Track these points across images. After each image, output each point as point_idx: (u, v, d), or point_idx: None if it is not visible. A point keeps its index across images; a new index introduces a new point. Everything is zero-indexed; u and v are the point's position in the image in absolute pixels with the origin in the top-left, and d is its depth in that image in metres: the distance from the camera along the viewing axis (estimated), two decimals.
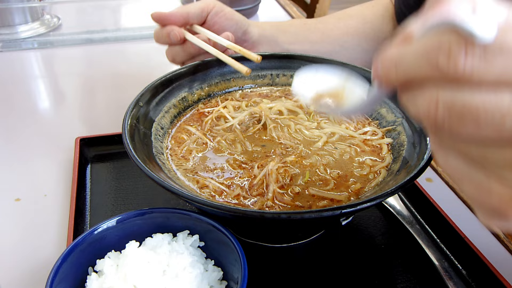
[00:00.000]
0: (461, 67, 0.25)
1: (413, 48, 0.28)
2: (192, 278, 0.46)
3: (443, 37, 0.26)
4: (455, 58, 0.25)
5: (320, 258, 0.58)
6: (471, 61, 0.25)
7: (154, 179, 0.49)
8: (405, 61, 0.29)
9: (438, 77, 0.26)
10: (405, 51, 0.29)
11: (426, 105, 0.27)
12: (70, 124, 0.89)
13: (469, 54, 0.25)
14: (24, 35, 1.21)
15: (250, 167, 0.59)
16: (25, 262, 0.58)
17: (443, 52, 0.25)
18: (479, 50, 0.24)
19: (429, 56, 0.26)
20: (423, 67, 0.27)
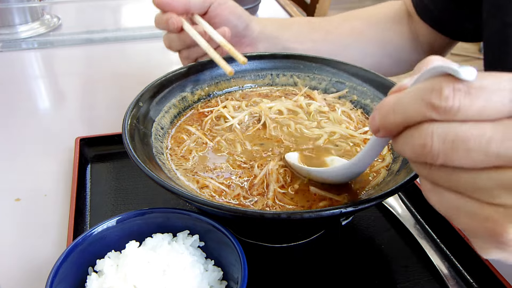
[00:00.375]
0: (450, 103, 0.30)
1: (408, 92, 0.33)
2: (192, 278, 0.46)
3: (434, 81, 0.31)
4: (446, 96, 0.30)
5: (320, 258, 0.58)
6: (458, 97, 0.30)
7: (154, 179, 0.49)
8: (402, 104, 0.33)
9: (432, 114, 0.31)
10: (401, 95, 0.33)
11: (422, 139, 0.31)
12: (70, 124, 0.89)
13: (456, 91, 0.30)
14: (24, 35, 1.21)
15: (250, 167, 0.59)
16: (25, 262, 0.58)
17: (436, 91, 0.30)
18: (464, 88, 0.29)
19: (424, 96, 0.31)
20: (419, 107, 0.31)
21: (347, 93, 0.74)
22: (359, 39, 0.93)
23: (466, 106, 0.30)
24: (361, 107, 0.72)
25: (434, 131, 0.31)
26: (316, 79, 0.76)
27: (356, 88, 0.73)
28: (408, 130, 0.33)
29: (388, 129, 0.35)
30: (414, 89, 0.32)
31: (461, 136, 0.30)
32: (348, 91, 0.74)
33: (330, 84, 0.75)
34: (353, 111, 0.71)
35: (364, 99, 0.72)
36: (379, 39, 0.93)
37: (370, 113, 0.70)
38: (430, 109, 0.31)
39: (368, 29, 0.94)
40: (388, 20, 0.94)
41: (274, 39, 0.87)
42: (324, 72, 0.76)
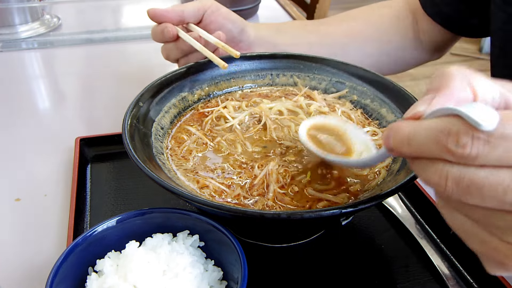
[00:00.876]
0: (468, 151, 0.29)
1: (425, 128, 0.32)
2: (192, 278, 0.46)
3: (452, 123, 0.30)
4: (464, 143, 0.29)
5: (320, 258, 0.58)
6: (476, 145, 0.29)
7: (154, 179, 0.49)
8: (417, 140, 0.32)
9: (447, 157, 0.30)
10: (417, 130, 0.33)
11: (437, 178, 0.31)
12: (70, 124, 0.89)
13: (475, 139, 0.29)
14: (24, 35, 1.21)
15: (251, 167, 0.59)
16: (25, 262, 0.58)
17: (452, 136, 0.30)
18: (483, 137, 0.29)
19: (439, 139, 0.30)
20: (434, 148, 0.31)
21: (347, 93, 0.74)
22: (357, 39, 0.93)
23: (485, 154, 0.29)
24: (361, 107, 0.72)
25: (449, 173, 0.31)
26: (316, 79, 0.76)
27: (356, 88, 0.73)
28: (422, 161, 0.33)
29: (401, 155, 0.35)
30: (430, 127, 0.31)
31: (477, 182, 0.30)
32: (348, 91, 0.74)
33: (330, 84, 0.75)
34: (353, 111, 0.71)
35: (364, 99, 0.72)
36: (377, 38, 0.93)
37: (370, 113, 0.70)
38: (445, 152, 0.30)
39: (366, 29, 0.93)
40: (388, 19, 0.94)
41: (270, 43, 0.87)
42: (324, 72, 0.76)
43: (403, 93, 0.66)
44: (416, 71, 3.47)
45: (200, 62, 0.74)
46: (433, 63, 1.02)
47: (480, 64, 3.38)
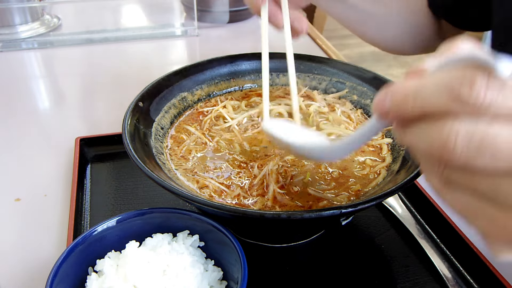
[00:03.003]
0: (482, 97, 0.27)
1: (434, 79, 0.29)
2: (192, 278, 0.46)
3: (465, 71, 0.27)
4: (478, 88, 0.27)
5: (320, 258, 0.58)
6: (490, 93, 0.27)
7: (154, 179, 0.49)
8: (425, 92, 0.29)
9: (458, 107, 0.28)
10: (425, 82, 0.30)
11: (444, 137, 0.28)
12: (70, 124, 0.89)
13: (490, 85, 0.26)
14: (24, 35, 1.21)
15: (250, 167, 0.59)
16: (25, 262, 0.58)
17: (466, 83, 0.27)
18: (499, 83, 0.27)
19: (452, 86, 0.28)
20: (444, 97, 0.28)
21: (347, 93, 0.74)
22: None
23: (498, 103, 0.27)
24: (361, 107, 0.72)
25: (459, 130, 0.28)
26: (316, 79, 0.77)
27: (356, 88, 0.73)
28: (425, 123, 0.30)
29: (401, 116, 0.32)
30: (441, 77, 0.29)
31: (489, 139, 0.27)
32: (348, 91, 0.74)
33: (330, 84, 0.75)
34: (352, 112, 0.71)
35: (364, 99, 0.72)
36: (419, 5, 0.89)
37: (370, 114, 0.70)
38: (457, 101, 0.28)
39: None
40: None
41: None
42: (324, 72, 0.76)
43: None
44: None
45: (200, 62, 0.74)
46: None
47: None
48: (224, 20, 1.33)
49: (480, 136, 0.27)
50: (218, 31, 1.32)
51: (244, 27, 1.36)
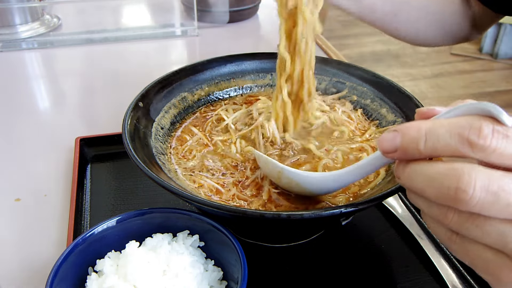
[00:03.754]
0: (488, 142, 0.30)
1: (445, 124, 0.32)
2: (192, 278, 0.46)
3: (473, 118, 0.31)
4: (485, 134, 0.30)
5: (320, 258, 0.58)
6: (496, 138, 0.30)
7: (154, 179, 0.49)
8: (436, 135, 0.32)
9: (466, 151, 0.31)
10: (436, 126, 0.32)
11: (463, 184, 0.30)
12: (70, 124, 0.89)
13: (495, 132, 0.30)
14: (24, 35, 1.21)
15: (244, 168, 0.59)
16: (25, 262, 0.58)
17: (474, 129, 0.30)
18: (503, 131, 0.30)
19: (461, 131, 0.31)
20: (454, 142, 0.31)
21: (346, 93, 0.74)
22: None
23: (502, 148, 0.30)
24: (361, 107, 0.72)
25: (477, 178, 0.30)
26: (316, 79, 0.76)
27: (356, 88, 0.73)
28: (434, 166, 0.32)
29: (410, 154, 0.34)
30: (451, 122, 0.32)
31: (506, 189, 0.29)
32: (348, 91, 0.74)
33: (330, 84, 0.75)
34: (353, 112, 0.71)
35: (364, 99, 0.72)
36: None
37: (370, 114, 0.70)
38: (466, 145, 0.31)
39: None
40: None
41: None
42: (324, 72, 0.76)
43: (403, 93, 0.66)
44: (416, 71, 3.45)
45: (200, 62, 0.74)
46: (432, 63, 1.02)
47: (480, 64, 3.38)
48: (224, 20, 1.33)
49: (497, 185, 0.30)
50: (218, 31, 1.32)
51: (244, 27, 1.36)
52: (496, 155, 0.30)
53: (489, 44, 3.44)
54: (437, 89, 3.08)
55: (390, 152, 0.35)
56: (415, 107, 0.63)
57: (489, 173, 0.30)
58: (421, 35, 0.93)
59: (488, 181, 0.30)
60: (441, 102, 2.14)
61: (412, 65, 3.37)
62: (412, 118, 0.63)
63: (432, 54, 3.48)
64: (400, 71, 3.31)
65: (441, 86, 3.12)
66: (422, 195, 0.34)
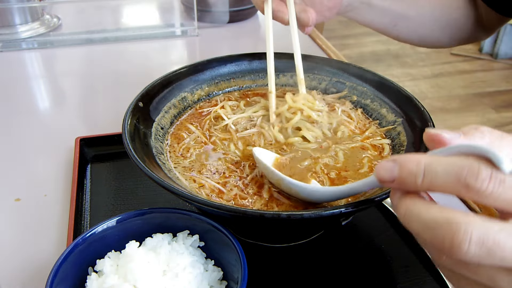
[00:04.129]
0: (484, 186, 0.31)
1: (444, 163, 0.33)
2: (192, 278, 0.46)
3: (473, 160, 0.32)
4: (482, 179, 0.31)
5: (320, 258, 0.58)
6: (493, 183, 0.31)
7: (154, 179, 0.49)
8: (435, 173, 0.33)
9: (462, 192, 0.32)
10: (436, 163, 0.33)
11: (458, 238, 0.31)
12: (70, 124, 0.89)
13: (493, 177, 0.31)
14: (24, 35, 1.21)
15: (242, 166, 0.59)
16: (25, 262, 0.58)
17: (472, 171, 0.31)
18: (500, 176, 0.31)
19: (460, 172, 0.32)
20: (451, 181, 0.32)
21: (346, 93, 0.74)
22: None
23: (497, 193, 0.31)
24: (361, 107, 0.72)
25: (473, 234, 0.30)
26: (316, 79, 0.76)
27: (356, 88, 0.73)
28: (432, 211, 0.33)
29: (407, 186, 0.35)
30: (451, 162, 0.33)
31: (500, 245, 0.30)
32: (348, 91, 0.74)
33: (330, 84, 0.75)
34: (353, 111, 0.71)
35: (364, 99, 0.72)
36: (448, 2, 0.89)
37: (370, 113, 0.70)
38: (462, 186, 0.31)
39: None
40: None
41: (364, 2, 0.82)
42: (324, 72, 0.76)
43: (403, 93, 0.66)
44: (416, 71, 3.45)
45: (200, 62, 0.74)
46: (432, 63, 1.02)
47: (480, 64, 3.38)
48: (224, 20, 1.33)
49: (492, 241, 0.30)
50: (218, 31, 1.32)
51: (244, 27, 1.36)
52: (491, 199, 0.31)
53: (489, 44, 3.44)
54: (437, 89, 3.08)
55: (387, 181, 0.36)
56: (415, 107, 0.63)
57: (485, 227, 0.30)
58: (426, 39, 0.92)
59: (483, 236, 0.30)
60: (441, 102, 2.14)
61: (412, 65, 3.37)
62: (412, 118, 0.63)
63: (432, 54, 3.48)
64: (400, 71, 3.31)
65: (441, 86, 3.12)
66: (418, 237, 0.35)
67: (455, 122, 2.72)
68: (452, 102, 2.94)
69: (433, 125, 0.58)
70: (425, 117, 0.60)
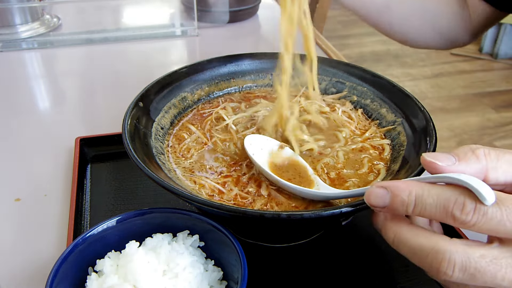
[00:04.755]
0: (469, 218, 0.35)
1: (433, 194, 0.37)
2: (192, 278, 0.46)
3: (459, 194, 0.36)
4: (467, 212, 0.35)
5: (320, 258, 0.58)
6: (476, 215, 0.35)
7: (154, 179, 0.49)
8: (425, 202, 0.37)
9: (449, 221, 0.36)
10: (425, 195, 0.37)
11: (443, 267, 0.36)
12: (70, 124, 0.89)
13: (477, 210, 0.35)
14: (24, 35, 1.21)
15: (239, 166, 0.59)
16: (25, 262, 0.58)
17: (458, 205, 0.35)
18: (483, 209, 0.35)
19: (447, 205, 0.36)
20: (439, 212, 0.36)
21: (346, 93, 0.74)
22: None
23: (480, 224, 0.35)
24: (361, 107, 0.72)
25: (456, 262, 0.35)
26: None
27: (356, 88, 0.73)
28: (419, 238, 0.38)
29: (396, 213, 0.40)
30: (439, 194, 0.37)
31: (480, 271, 0.35)
32: (348, 91, 0.74)
33: (330, 84, 0.75)
34: (353, 111, 0.71)
35: (364, 99, 0.72)
36: None
37: (370, 113, 0.70)
38: (449, 217, 0.36)
39: None
40: None
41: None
42: (324, 72, 0.76)
43: (403, 93, 0.66)
44: (416, 71, 3.45)
45: (200, 62, 0.74)
46: (432, 63, 1.02)
47: (480, 64, 3.38)
48: (224, 20, 1.33)
49: (473, 268, 0.35)
50: (218, 31, 1.32)
51: (244, 27, 1.36)
52: (475, 228, 0.35)
53: (489, 44, 3.44)
54: (437, 89, 3.08)
55: (378, 207, 0.40)
56: (415, 107, 0.63)
57: (467, 255, 0.35)
58: (414, 33, 0.92)
59: (466, 264, 0.35)
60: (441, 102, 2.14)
61: (412, 65, 3.37)
62: (412, 118, 0.63)
63: (432, 54, 3.48)
64: (400, 71, 3.31)
65: (441, 86, 3.12)
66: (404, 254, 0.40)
67: (455, 122, 2.72)
68: (452, 102, 2.94)
69: (433, 125, 0.58)
70: (425, 117, 0.60)
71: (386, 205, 0.39)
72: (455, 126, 2.70)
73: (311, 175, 0.57)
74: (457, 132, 2.65)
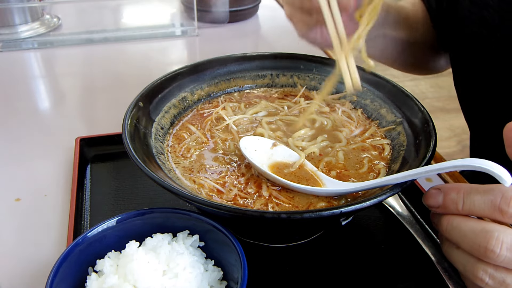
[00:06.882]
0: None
1: (481, 192, 0.41)
2: (192, 278, 0.46)
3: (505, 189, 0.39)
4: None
5: (320, 258, 0.58)
6: None
7: (154, 179, 0.49)
8: (473, 200, 0.41)
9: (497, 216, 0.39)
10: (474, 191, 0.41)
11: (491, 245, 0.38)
12: (70, 124, 0.89)
13: None
14: (24, 35, 1.21)
15: (238, 166, 0.59)
16: (25, 262, 0.58)
17: (505, 199, 0.39)
18: None
19: (494, 200, 0.39)
20: (488, 208, 0.40)
21: (346, 93, 0.74)
22: None
23: None
24: (361, 107, 0.72)
25: (504, 241, 0.38)
26: (316, 79, 0.76)
27: None
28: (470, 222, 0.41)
29: (449, 211, 0.44)
30: (486, 190, 0.40)
31: None
32: None
33: None
34: (353, 111, 0.71)
35: (364, 99, 0.72)
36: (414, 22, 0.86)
37: (370, 113, 0.70)
38: (497, 211, 0.39)
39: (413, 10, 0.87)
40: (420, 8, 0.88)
41: None
42: (324, 72, 0.76)
43: (403, 93, 0.66)
44: None
45: (200, 62, 0.74)
46: None
47: None
48: (224, 20, 1.33)
49: None
50: (218, 31, 1.32)
51: (244, 27, 1.36)
52: None
53: None
54: (437, 89, 3.08)
55: (434, 207, 0.45)
56: (415, 107, 0.63)
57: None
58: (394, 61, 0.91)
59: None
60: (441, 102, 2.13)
61: None
62: (412, 118, 0.63)
63: None
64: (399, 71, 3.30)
65: (441, 86, 3.12)
66: (458, 246, 0.43)
67: (455, 122, 2.72)
68: (452, 102, 2.93)
69: (433, 125, 0.58)
70: (425, 117, 0.60)
71: (440, 204, 0.44)
72: (455, 126, 2.69)
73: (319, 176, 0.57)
74: (457, 132, 2.64)
